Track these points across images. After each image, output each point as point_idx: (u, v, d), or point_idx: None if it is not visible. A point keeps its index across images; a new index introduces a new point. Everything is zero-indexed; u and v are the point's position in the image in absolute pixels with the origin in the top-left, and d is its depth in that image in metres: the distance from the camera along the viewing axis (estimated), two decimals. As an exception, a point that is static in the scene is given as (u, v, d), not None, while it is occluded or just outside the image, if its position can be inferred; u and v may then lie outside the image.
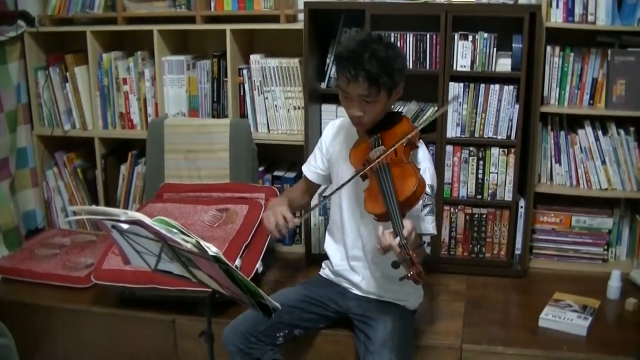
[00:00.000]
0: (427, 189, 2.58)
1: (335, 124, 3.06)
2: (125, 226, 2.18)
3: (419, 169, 2.57)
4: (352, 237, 2.93)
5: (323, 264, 3.15)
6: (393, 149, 2.58)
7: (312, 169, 3.08)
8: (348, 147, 2.80)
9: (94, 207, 2.41)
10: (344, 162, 2.84)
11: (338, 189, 2.73)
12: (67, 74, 4.13)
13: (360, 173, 2.62)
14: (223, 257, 2.05)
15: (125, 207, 4.23)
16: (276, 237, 2.86)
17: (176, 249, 2.17)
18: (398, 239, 2.29)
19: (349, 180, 2.66)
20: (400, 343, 2.71)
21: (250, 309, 2.35)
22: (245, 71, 3.90)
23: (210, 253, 2.02)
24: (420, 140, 2.79)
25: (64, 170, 4.34)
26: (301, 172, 3.15)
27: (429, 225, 2.71)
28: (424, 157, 2.77)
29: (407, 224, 2.35)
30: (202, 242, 2.04)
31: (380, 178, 2.50)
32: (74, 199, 4.35)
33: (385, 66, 2.55)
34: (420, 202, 2.55)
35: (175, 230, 2.08)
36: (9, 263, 3.83)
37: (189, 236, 2.07)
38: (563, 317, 3.14)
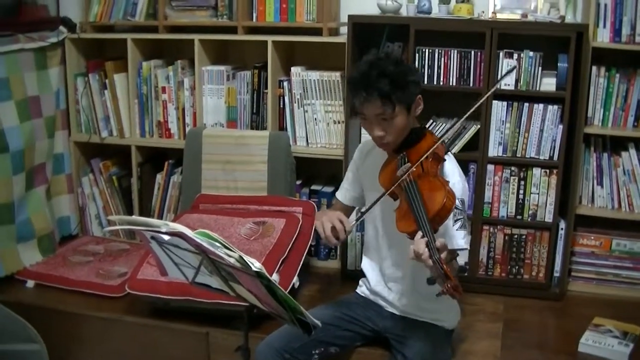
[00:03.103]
0: (458, 203, 2.54)
1: (363, 146, 3.06)
2: (165, 237, 2.15)
3: (448, 182, 2.54)
4: (388, 257, 2.91)
5: (360, 282, 3.13)
6: (418, 163, 2.56)
7: (345, 192, 3.08)
8: (377, 168, 2.78)
9: (133, 217, 2.38)
10: (374, 182, 2.79)
11: (367, 210, 2.73)
12: (107, 81, 4.13)
13: (387, 193, 2.60)
14: (266, 273, 2.03)
15: (160, 216, 4.22)
16: (332, 244, 2.74)
17: (217, 263, 2.14)
18: (430, 253, 2.26)
19: (374, 202, 2.65)
20: (438, 364, 2.67)
21: (289, 325, 2.31)
22: (285, 83, 3.88)
23: (254, 269, 2.00)
24: (449, 154, 2.77)
25: (100, 178, 4.34)
26: (339, 186, 3.13)
27: (460, 240, 2.65)
28: (452, 170, 2.74)
29: (438, 240, 2.31)
30: (246, 257, 2.01)
31: (408, 195, 2.48)
32: (109, 207, 4.35)
33: (396, 81, 2.54)
34: (451, 216, 2.52)
35: (218, 244, 2.06)
36: (42, 269, 3.84)
37: (232, 250, 2.05)
38: (603, 343, 3.08)
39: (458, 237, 2.64)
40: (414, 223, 2.39)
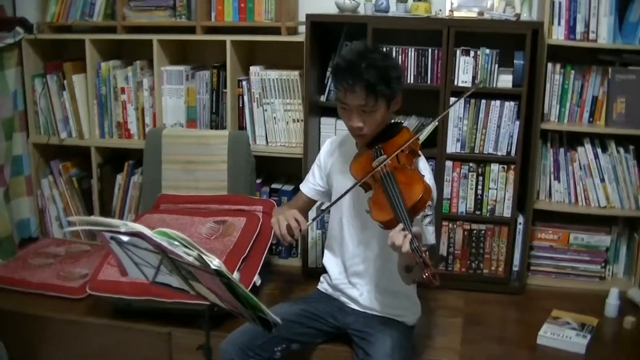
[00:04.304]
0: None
1: (332, 140, 3.08)
2: (125, 238, 2.15)
3: (424, 176, 2.57)
4: (352, 251, 2.91)
5: (321, 278, 3.13)
6: (395, 155, 2.59)
7: (310, 186, 3.08)
8: (347, 162, 2.79)
9: (93, 217, 2.38)
10: (343, 176, 2.83)
11: (339, 198, 2.71)
12: (65, 82, 4.10)
13: (362, 181, 2.61)
14: (225, 271, 2.03)
15: (121, 217, 4.19)
16: (287, 242, 2.74)
17: (176, 262, 2.14)
18: (410, 241, 2.28)
19: (350, 189, 2.65)
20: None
21: (250, 323, 2.32)
22: (244, 83, 3.88)
23: (212, 267, 2.00)
24: (420, 152, 2.79)
25: (59, 179, 4.30)
26: (299, 185, 3.14)
27: (429, 235, 2.69)
28: (424, 167, 2.76)
29: (415, 228, 2.34)
30: (204, 256, 2.01)
31: (385, 186, 2.49)
32: (69, 208, 4.31)
33: (383, 75, 2.57)
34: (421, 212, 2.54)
35: (176, 243, 2.05)
36: (2, 272, 3.78)
37: (190, 249, 2.05)
38: (562, 335, 3.12)
39: (427, 232, 2.67)
40: (391, 212, 2.41)
